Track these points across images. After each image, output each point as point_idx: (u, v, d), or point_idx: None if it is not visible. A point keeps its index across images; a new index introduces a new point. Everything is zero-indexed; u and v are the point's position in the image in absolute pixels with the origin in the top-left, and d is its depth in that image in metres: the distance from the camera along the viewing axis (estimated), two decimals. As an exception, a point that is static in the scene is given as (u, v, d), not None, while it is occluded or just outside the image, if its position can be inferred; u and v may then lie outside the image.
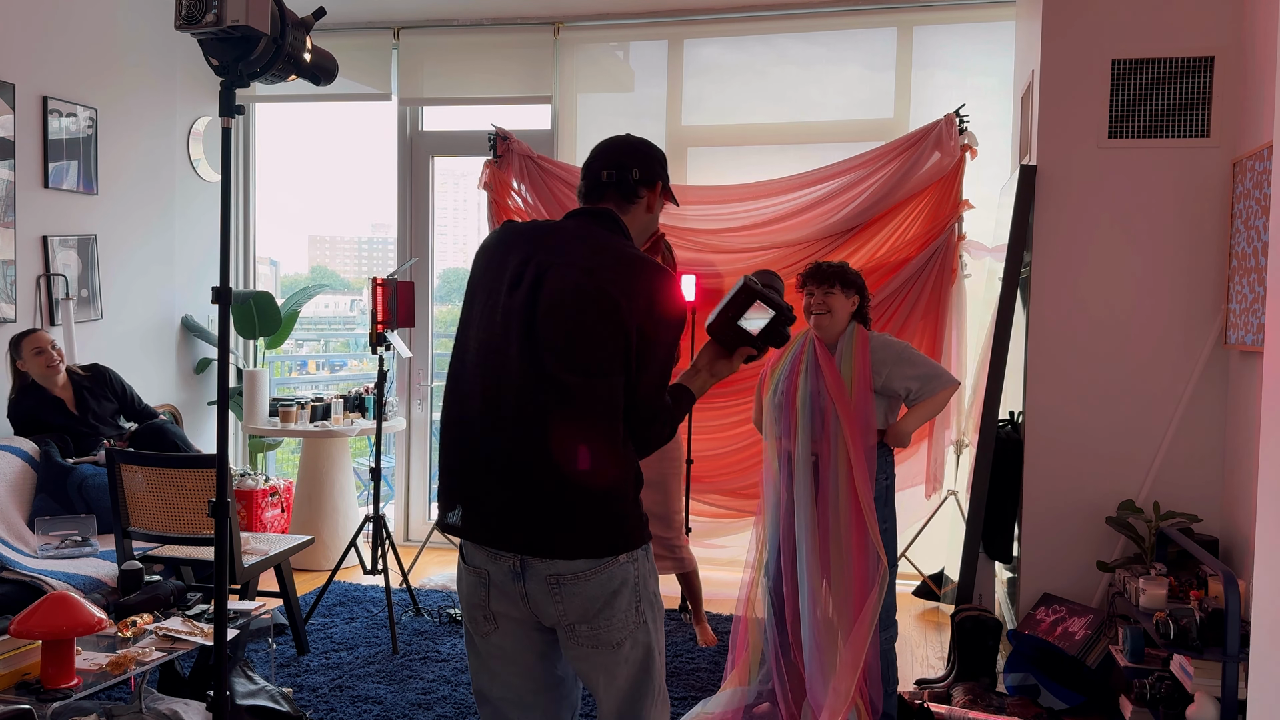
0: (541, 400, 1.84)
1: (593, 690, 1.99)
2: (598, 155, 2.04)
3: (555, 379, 1.83)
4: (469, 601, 1.98)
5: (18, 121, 4.52)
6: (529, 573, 1.87)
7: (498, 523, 1.87)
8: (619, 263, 1.89)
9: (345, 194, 11.61)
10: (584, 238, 1.93)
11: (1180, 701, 3.09)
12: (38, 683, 2.53)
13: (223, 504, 2.25)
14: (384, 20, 5.60)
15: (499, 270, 1.93)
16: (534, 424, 1.84)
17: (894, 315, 4.56)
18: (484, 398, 1.88)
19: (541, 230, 1.96)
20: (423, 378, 5.79)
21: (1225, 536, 3.57)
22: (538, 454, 1.84)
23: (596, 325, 1.84)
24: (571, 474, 1.84)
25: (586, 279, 1.85)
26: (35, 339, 4.26)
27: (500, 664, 1.99)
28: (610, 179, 2.00)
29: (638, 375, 1.87)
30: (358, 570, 5.11)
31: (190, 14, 2.01)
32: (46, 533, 3.87)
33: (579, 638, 1.90)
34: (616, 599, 1.89)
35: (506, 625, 1.95)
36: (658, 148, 2.10)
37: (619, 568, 1.89)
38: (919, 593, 4.82)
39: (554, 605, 1.88)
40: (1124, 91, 3.72)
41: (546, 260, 1.89)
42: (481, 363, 1.89)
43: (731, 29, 5.24)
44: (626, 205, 2.02)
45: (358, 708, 3.44)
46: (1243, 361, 3.50)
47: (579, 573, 1.86)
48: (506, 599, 1.92)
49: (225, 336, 2.22)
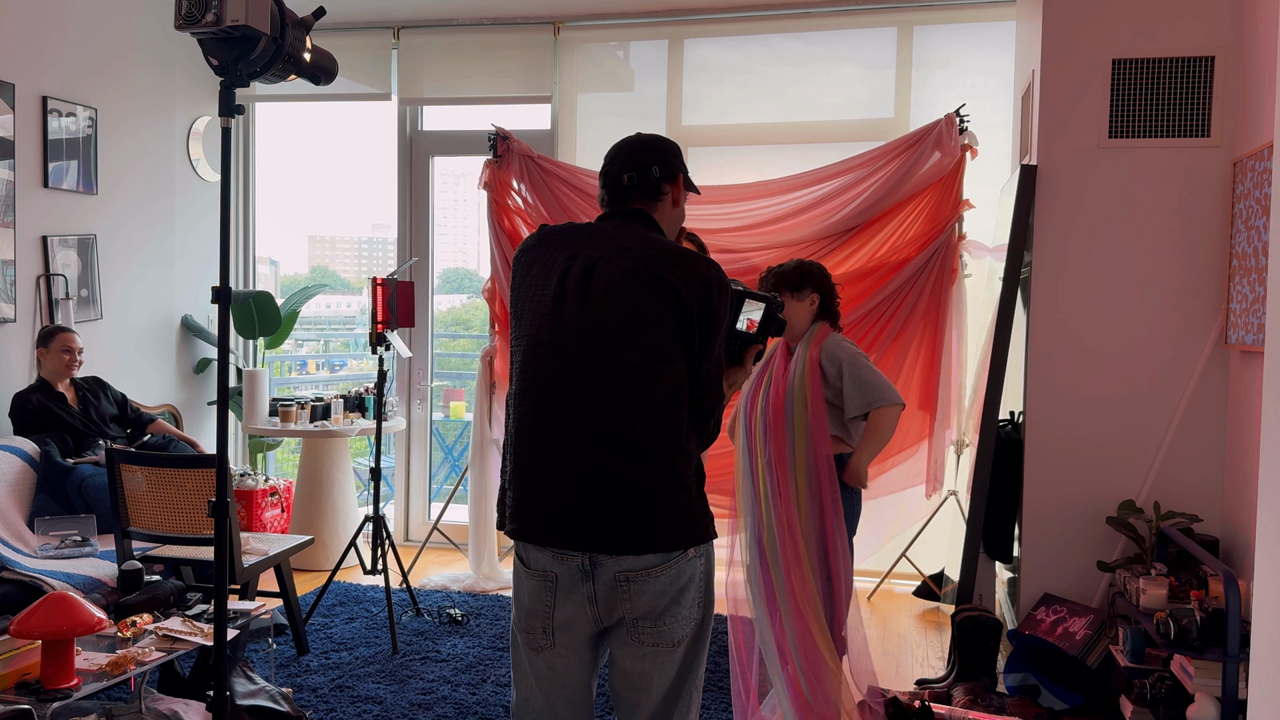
0: (603, 390, 1.83)
1: (634, 688, 1.95)
2: (614, 160, 2.03)
3: (617, 365, 1.82)
4: (530, 610, 1.93)
5: (18, 121, 4.52)
6: (598, 571, 1.85)
7: (564, 523, 1.85)
8: (670, 253, 1.90)
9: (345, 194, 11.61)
10: (626, 235, 1.94)
11: (1180, 702, 3.09)
12: (38, 683, 2.53)
13: (223, 504, 2.25)
14: (384, 20, 5.60)
15: (545, 268, 1.92)
16: (596, 415, 1.83)
17: (894, 315, 4.55)
18: (540, 394, 1.87)
19: (581, 230, 1.96)
20: (423, 378, 5.79)
21: (1225, 536, 3.57)
22: (601, 446, 1.82)
23: (655, 307, 1.84)
24: (637, 465, 1.82)
25: (640, 266, 1.86)
26: (68, 338, 4.36)
27: (550, 684, 1.96)
28: (632, 181, 1.99)
29: (700, 360, 1.89)
30: (358, 570, 5.11)
31: (190, 14, 2.01)
32: (46, 533, 3.87)
33: (641, 634, 1.88)
34: (684, 595, 1.89)
35: (564, 639, 1.92)
36: (671, 141, 2.09)
37: (687, 563, 1.89)
38: (919, 593, 4.82)
39: (621, 603, 1.86)
40: (1124, 91, 3.72)
41: (593, 254, 1.89)
42: (535, 360, 1.88)
43: (731, 29, 5.24)
44: (653, 204, 2.02)
45: (358, 708, 3.44)
46: (1243, 361, 3.50)
47: (649, 568, 1.85)
48: (572, 602, 1.88)
49: (225, 336, 2.22)
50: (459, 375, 6.99)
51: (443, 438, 6.83)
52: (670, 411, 1.85)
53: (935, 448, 4.61)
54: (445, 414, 6.40)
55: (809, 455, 3.01)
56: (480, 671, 3.77)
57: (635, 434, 1.82)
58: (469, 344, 7.31)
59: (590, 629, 1.92)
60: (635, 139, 2.07)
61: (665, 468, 1.84)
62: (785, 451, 3.04)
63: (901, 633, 4.38)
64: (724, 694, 3.55)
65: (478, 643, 4.08)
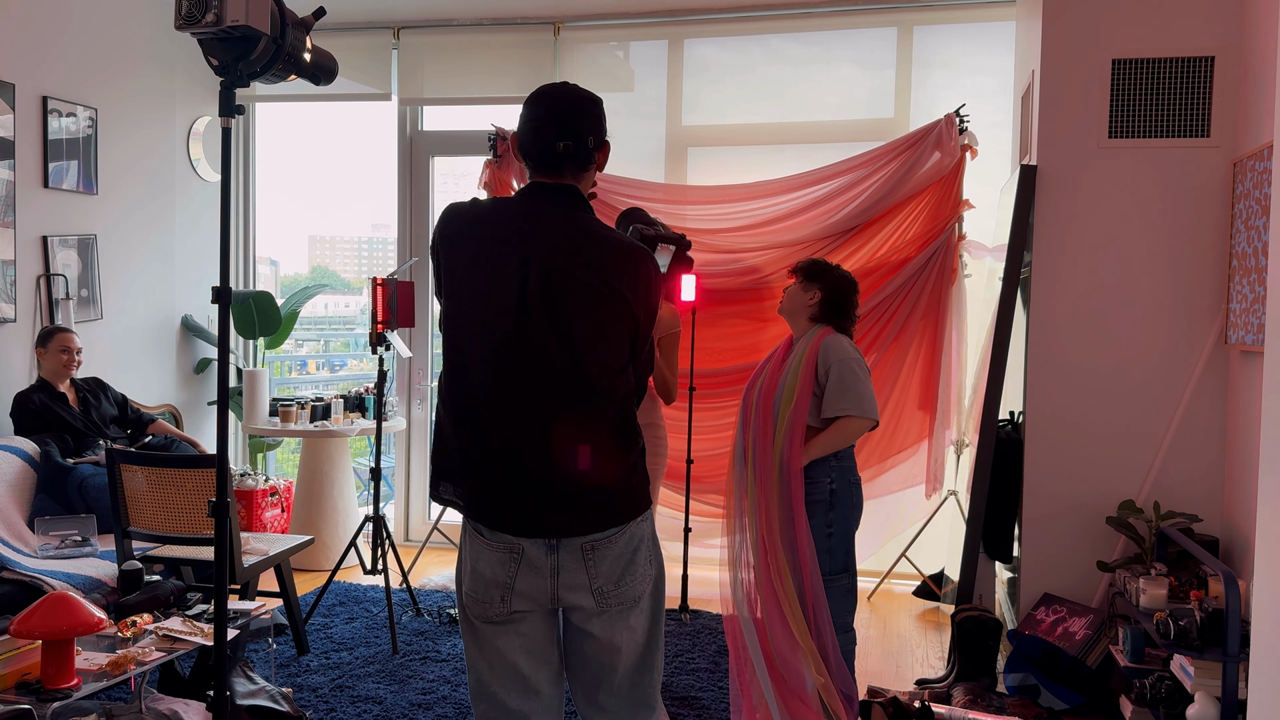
0: (569, 403, 1.90)
1: (607, 651, 2.00)
2: (546, 119, 1.97)
3: (582, 382, 1.91)
4: (489, 580, 1.95)
5: (18, 121, 4.52)
6: (562, 545, 1.93)
7: (532, 517, 1.91)
8: (620, 256, 1.95)
9: (345, 194, 11.61)
10: (568, 226, 1.94)
11: (1180, 701, 3.09)
12: (38, 683, 2.53)
13: (223, 504, 2.25)
14: (384, 20, 5.60)
15: (492, 264, 1.91)
16: (562, 427, 1.90)
17: (894, 315, 4.55)
18: (500, 399, 1.90)
19: (517, 215, 1.95)
20: (423, 378, 5.79)
21: (1225, 536, 3.57)
22: (567, 454, 1.90)
23: (616, 327, 1.94)
24: (601, 468, 1.92)
25: (597, 279, 1.91)
26: (67, 338, 4.37)
27: (499, 658, 1.99)
28: (568, 150, 1.96)
29: (641, 349, 2.01)
30: (358, 570, 5.11)
31: (190, 14, 2.01)
32: (46, 533, 3.87)
33: (608, 600, 1.96)
34: (637, 555, 1.99)
35: (521, 606, 1.96)
36: (599, 99, 2.05)
37: (637, 526, 2.00)
38: (919, 593, 4.82)
39: (586, 571, 1.94)
40: (1124, 91, 3.72)
41: (546, 259, 1.90)
42: (494, 363, 1.90)
43: (731, 29, 5.24)
44: (581, 174, 2.01)
45: (358, 708, 3.44)
46: (1243, 361, 3.50)
47: (609, 537, 1.95)
48: (535, 574, 1.93)
49: (225, 336, 2.22)
50: (459, 375, 6.98)
51: (443, 438, 6.82)
52: (626, 410, 1.98)
53: (935, 448, 4.61)
54: (445, 414, 6.39)
55: (786, 450, 3.03)
56: (480, 671, 3.77)
57: (599, 441, 1.92)
58: (469, 344, 7.29)
59: (545, 602, 1.96)
60: (567, 94, 2.00)
61: (624, 462, 1.97)
62: (769, 440, 3.07)
63: (901, 633, 4.38)
64: (723, 694, 3.55)
65: (478, 643, 4.08)
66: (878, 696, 3.31)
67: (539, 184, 2.00)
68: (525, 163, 2.02)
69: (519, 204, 1.98)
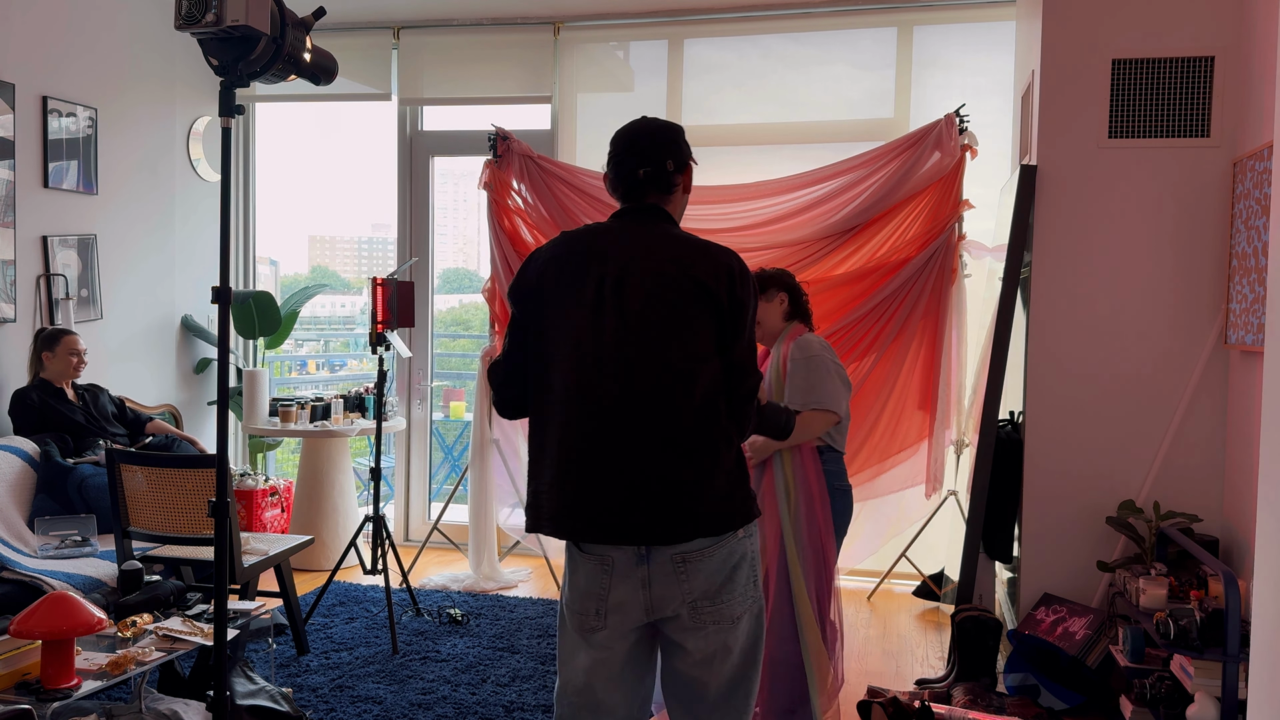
0: (647, 392, 1.90)
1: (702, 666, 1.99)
2: (627, 152, 2.07)
3: (659, 367, 1.90)
4: (585, 591, 1.97)
5: (18, 121, 4.52)
6: (653, 554, 1.92)
7: (618, 522, 1.90)
8: (693, 249, 1.98)
9: (345, 194, 11.60)
10: (648, 235, 2.00)
11: (1180, 701, 3.09)
12: (38, 683, 2.53)
13: (223, 504, 2.25)
14: (384, 20, 5.60)
15: (575, 278, 1.96)
16: (642, 418, 1.90)
17: (894, 315, 4.55)
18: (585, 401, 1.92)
19: (602, 235, 2.02)
20: (423, 378, 5.79)
21: (1225, 536, 3.57)
22: (649, 447, 1.89)
23: (689, 307, 1.93)
24: (684, 462, 1.90)
25: (669, 266, 1.94)
26: (75, 341, 4.37)
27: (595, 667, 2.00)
28: (648, 176, 2.05)
29: (732, 348, 1.98)
30: (358, 570, 5.11)
31: (190, 14, 2.01)
32: (46, 533, 3.87)
33: (702, 616, 1.94)
34: (737, 573, 1.96)
35: (615, 622, 1.96)
36: (678, 126, 2.14)
37: (738, 542, 1.96)
38: (919, 593, 4.82)
39: (679, 584, 1.92)
40: (1124, 91, 3.72)
41: (623, 261, 1.95)
42: (577, 369, 1.93)
43: (731, 29, 5.24)
44: (667, 197, 2.08)
45: (358, 708, 3.44)
46: (1243, 361, 3.50)
47: (703, 549, 1.92)
48: (627, 585, 1.94)
49: (225, 336, 2.22)
50: (459, 375, 7.00)
51: (443, 438, 6.84)
52: (710, 405, 1.93)
53: (935, 448, 4.61)
54: (445, 414, 6.40)
55: (794, 451, 3.04)
56: (480, 671, 3.77)
57: (680, 432, 1.90)
58: (469, 344, 7.31)
59: (641, 616, 1.96)
60: (644, 127, 2.10)
61: (711, 461, 1.92)
62: (772, 459, 3.08)
63: (901, 633, 4.38)
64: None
65: (478, 643, 4.08)
66: (878, 696, 3.31)
67: (625, 208, 2.08)
68: (615, 196, 2.10)
69: (606, 224, 2.06)
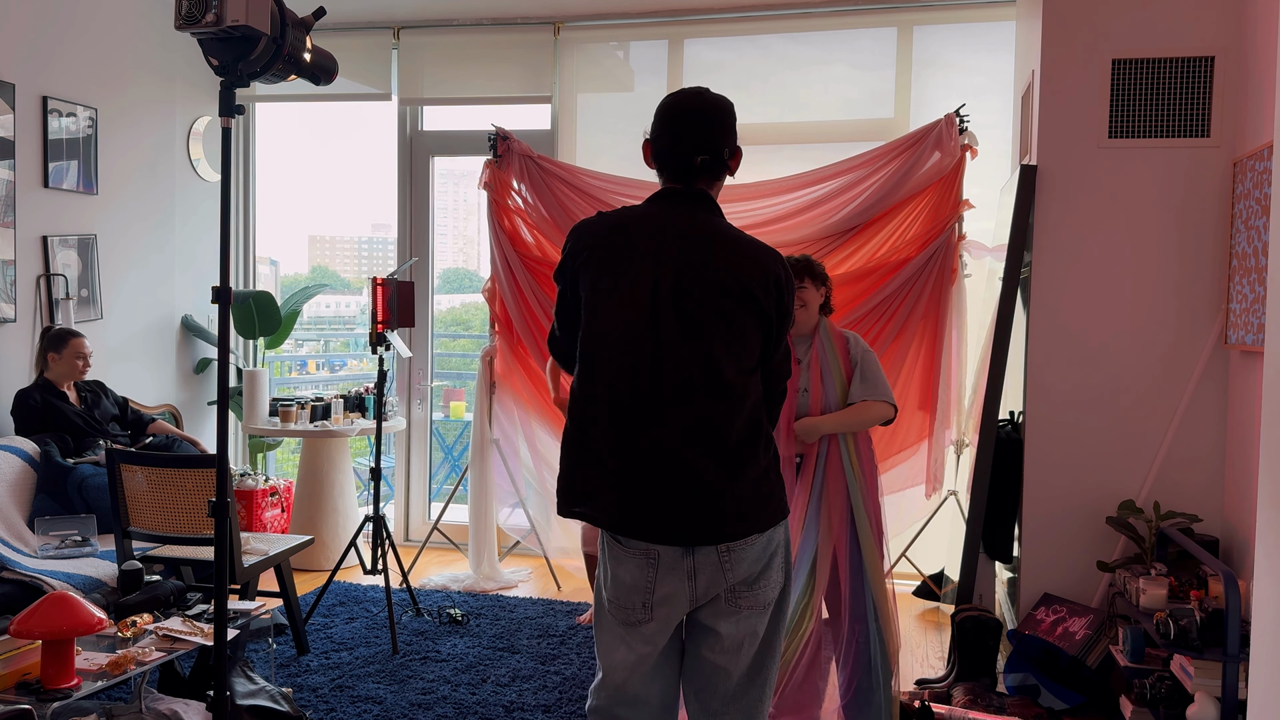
0: (702, 403, 1.91)
1: (729, 652, 2.01)
2: (685, 133, 2.01)
3: (716, 382, 1.91)
4: (630, 586, 1.98)
5: (18, 121, 4.52)
6: (699, 547, 1.94)
7: (667, 525, 1.92)
8: (745, 253, 1.97)
9: (345, 194, 11.59)
10: (698, 227, 1.98)
11: (1180, 701, 3.09)
12: (38, 683, 2.53)
13: (223, 504, 2.25)
14: (384, 20, 5.60)
15: (627, 266, 1.94)
16: (696, 427, 1.91)
17: (894, 315, 4.55)
18: (637, 402, 1.92)
19: (649, 220, 1.98)
20: (423, 378, 5.79)
21: (1225, 536, 3.57)
22: (701, 456, 1.91)
23: (745, 323, 1.94)
24: (735, 470, 1.92)
25: (727, 277, 1.93)
26: (82, 344, 4.38)
27: (637, 660, 2.02)
28: (705, 164, 2.02)
29: (773, 355, 2.02)
30: (358, 570, 5.11)
31: (190, 14, 2.01)
32: (46, 533, 3.87)
33: (740, 601, 1.97)
34: (773, 560, 2.01)
35: (662, 614, 1.98)
36: (730, 104, 2.07)
37: (774, 531, 2.02)
38: (919, 593, 4.82)
39: (722, 572, 1.95)
40: (1124, 91, 3.72)
41: (678, 260, 1.93)
42: (629, 367, 1.93)
43: (731, 29, 5.24)
44: (715, 182, 2.07)
45: (358, 708, 3.44)
46: (1243, 361, 3.50)
47: (745, 539, 1.96)
48: (673, 578, 1.95)
49: (225, 336, 2.22)
50: (459, 375, 7.00)
51: (443, 438, 6.84)
52: (758, 414, 1.98)
53: (935, 448, 4.61)
54: (445, 414, 6.40)
55: (854, 434, 3.12)
56: (480, 671, 3.77)
57: (731, 443, 1.93)
58: (469, 344, 7.31)
59: (686, 607, 1.99)
60: (704, 107, 2.03)
61: (758, 468, 1.96)
62: (837, 440, 3.11)
63: (902, 632, 4.38)
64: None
65: (478, 643, 4.08)
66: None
67: (670, 190, 2.04)
68: (658, 171, 2.07)
69: (651, 209, 2.02)
